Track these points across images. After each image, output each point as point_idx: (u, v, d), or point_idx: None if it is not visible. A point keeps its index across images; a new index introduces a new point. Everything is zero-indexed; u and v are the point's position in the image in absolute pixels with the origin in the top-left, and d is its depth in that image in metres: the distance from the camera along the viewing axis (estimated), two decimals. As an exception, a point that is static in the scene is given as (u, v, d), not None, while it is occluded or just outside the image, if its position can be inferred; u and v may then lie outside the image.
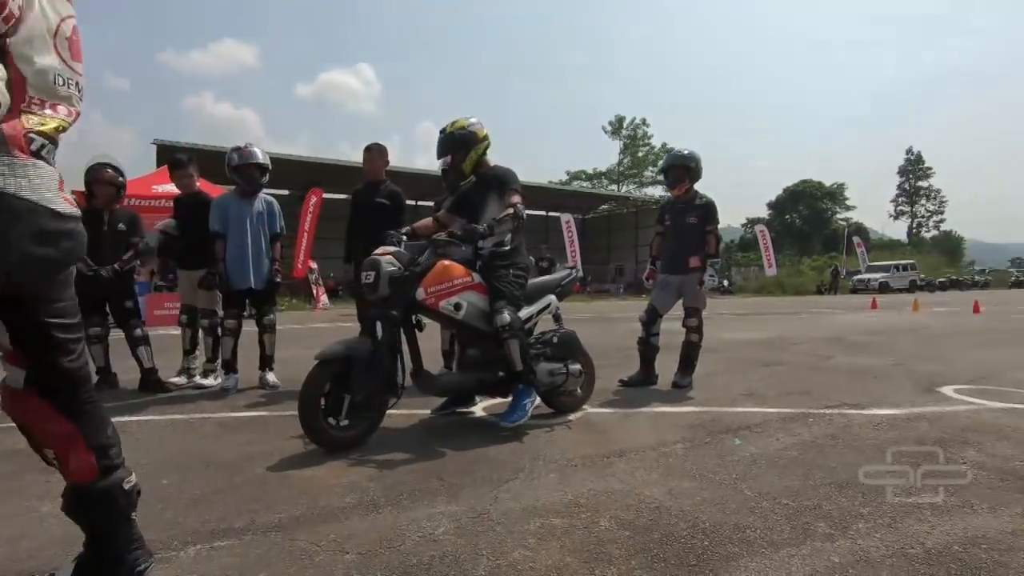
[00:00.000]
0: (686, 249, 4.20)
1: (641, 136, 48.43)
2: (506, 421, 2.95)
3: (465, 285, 3.03)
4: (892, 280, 28.31)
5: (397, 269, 2.84)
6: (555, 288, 3.51)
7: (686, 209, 4.24)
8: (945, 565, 1.63)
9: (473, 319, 3.04)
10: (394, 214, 4.21)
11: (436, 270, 2.95)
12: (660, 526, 1.87)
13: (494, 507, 2.03)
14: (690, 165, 4.22)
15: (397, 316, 2.86)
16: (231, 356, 4.17)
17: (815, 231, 55.02)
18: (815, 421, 3.18)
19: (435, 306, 2.92)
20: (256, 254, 4.16)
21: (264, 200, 4.32)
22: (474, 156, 3.23)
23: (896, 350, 6.19)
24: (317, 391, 2.63)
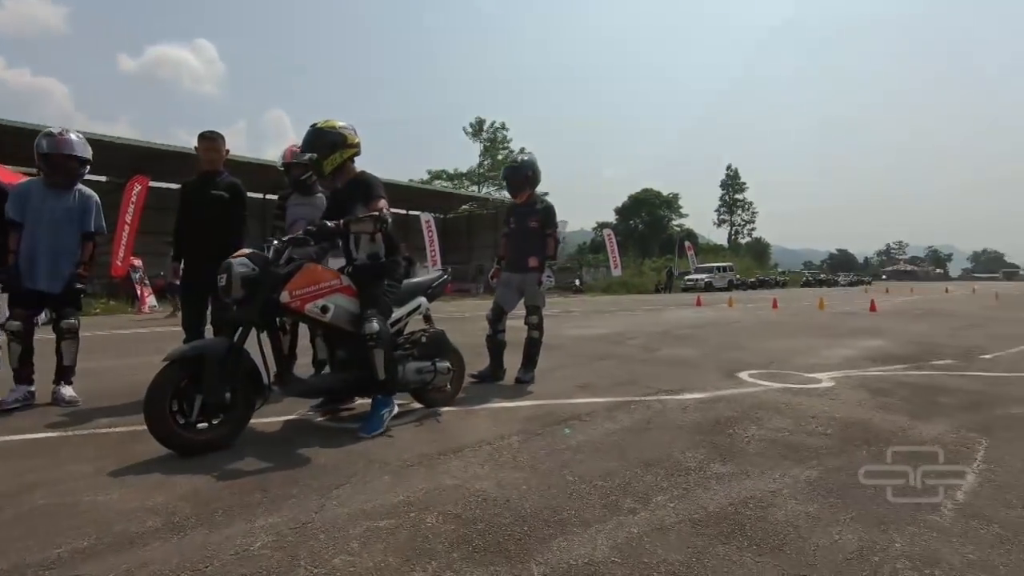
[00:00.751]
0: (527, 250, 4.44)
1: (501, 140, 49.76)
2: (363, 432, 2.92)
3: (333, 288, 3.01)
4: (715, 280, 32.22)
5: (250, 270, 2.80)
6: (426, 290, 3.58)
7: (527, 213, 4.49)
8: (720, 525, 1.90)
9: (341, 321, 3.03)
10: (234, 208, 3.91)
11: (303, 273, 2.93)
12: (485, 517, 1.94)
13: (319, 515, 1.96)
14: (528, 173, 4.50)
15: (253, 317, 2.80)
16: (19, 364, 3.59)
17: (654, 236, 60.65)
18: (636, 408, 3.52)
19: (300, 309, 2.89)
20: (54, 254, 3.63)
21: (80, 193, 3.76)
22: (337, 159, 3.17)
23: (711, 342, 7.06)
24: (164, 392, 2.55)
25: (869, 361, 5.44)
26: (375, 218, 2.97)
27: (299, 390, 3.05)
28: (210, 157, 3.94)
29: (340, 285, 3.05)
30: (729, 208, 69.35)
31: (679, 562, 1.67)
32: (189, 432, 2.61)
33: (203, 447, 2.61)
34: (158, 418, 2.51)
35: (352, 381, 3.12)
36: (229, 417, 2.72)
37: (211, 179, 3.94)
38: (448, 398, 3.58)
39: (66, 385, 3.74)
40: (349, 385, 3.17)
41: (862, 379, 4.49)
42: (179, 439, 2.57)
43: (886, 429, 3.05)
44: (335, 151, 3.15)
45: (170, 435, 2.55)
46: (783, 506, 2.06)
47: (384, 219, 3.01)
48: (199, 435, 2.63)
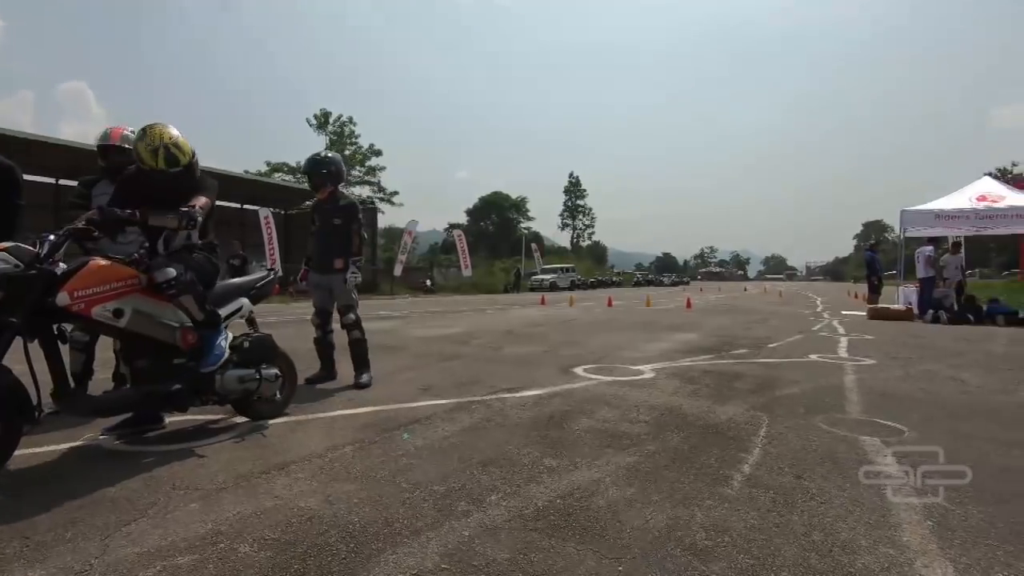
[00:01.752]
0: (333, 250, 4.33)
1: (348, 134, 47.66)
2: (205, 365, 2.82)
3: (130, 288, 2.59)
4: (559, 280, 34.16)
5: (12, 267, 2.33)
6: (249, 291, 3.28)
7: (331, 211, 4.40)
8: (548, 518, 1.98)
9: (140, 327, 2.64)
10: (5, 194, 3.19)
11: (87, 271, 2.46)
12: (307, 538, 1.80)
13: (100, 560, 1.66)
14: (330, 169, 4.42)
15: (15, 323, 2.31)
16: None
17: (504, 237, 62.68)
18: (477, 407, 3.55)
19: (86, 312, 2.44)
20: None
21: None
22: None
23: (551, 339, 7.42)
24: None
25: (682, 353, 6.12)
26: (184, 214, 2.62)
27: (89, 408, 2.63)
28: None
29: (139, 285, 2.64)
30: (572, 213, 74.10)
31: (506, 560, 1.69)
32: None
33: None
34: None
35: (159, 391, 2.71)
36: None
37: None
38: (278, 408, 3.30)
39: None
40: (151, 398, 2.73)
41: (676, 369, 5.03)
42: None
43: (692, 413, 3.44)
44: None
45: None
46: (604, 493, 2.20)
47: (193, 217, 2.66)
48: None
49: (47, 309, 2.38)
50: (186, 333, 2.77)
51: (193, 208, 2.66)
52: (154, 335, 2.69)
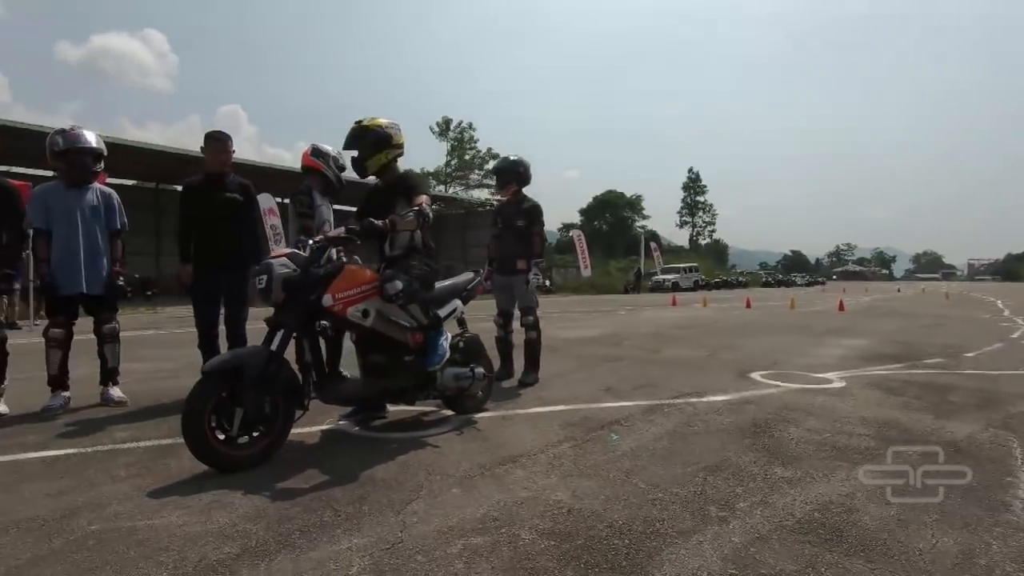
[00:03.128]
0: (514, 251, 4.44)
1: (468, 140, 49.47)
2: (430, 363, 3.01)
3: (374, 290, 2.85)
4: (681, 280, 32.92)
5: (291, 271, 2.65)
6: (461, 292, 3.44)
7: (514, 213, 4.51)
8: (815, 531, 1.90)
9: (381, 326, 2.89)
10: (247, 209, 3.81)
11: (344, 275, 2.77)
12: (580, 531, 1.89)
13: (405, 534, 1.86)
14: (518, 170, 4.54)
15: (294, 322, 2.65)
16: (58, 371, 3.52)
17: (618, 236, 61.58)
18: (670, 411, 3.52)
19: (343, 313, 2.73)
20: (90, 254, 3.52)
21: (100, 191, 3.64)
22: (383, 159, 3.10)
23: (704, 342, 7.17)
24: (202, 406, 2.38)
25: (863, 360, 5.62)
26: (418, 212, 2.87)
27: (338, 397, 2.94)
28: (219, 159, 3.81)
29: (379, 288, 2.89)
30: (690, 210, 71.00)
31: (795, 572, 1.65)
32: (229, 448, 2.45)
33: (244, 463, 2.46)
34: (196, 433, 2.35)
35: (393, 387, 2.99)
36: (269, 430, 2.56)
37: (219, 180, 3.80)
38: (478, 404, 3.50)
39: (114, 386, 3.73)
40: (386, 392, 3.03)
41: (870, 379, 4.62)
42: (219, 456, 2.41)
43: (917, 428, 3.14)
44: (379, 151, 3.09)
45: (210, 452, 2.39)
46: (865, 510, 2.07)
47: (426, 213, 2.91)
48: (239, 451, 2.48)
49: (313, 308, 2.70)
50: (415, 333, 3.02)
51: (422, 206, 2.90)
52: (390, 334, 2.95)
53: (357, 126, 3.08)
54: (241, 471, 2.42)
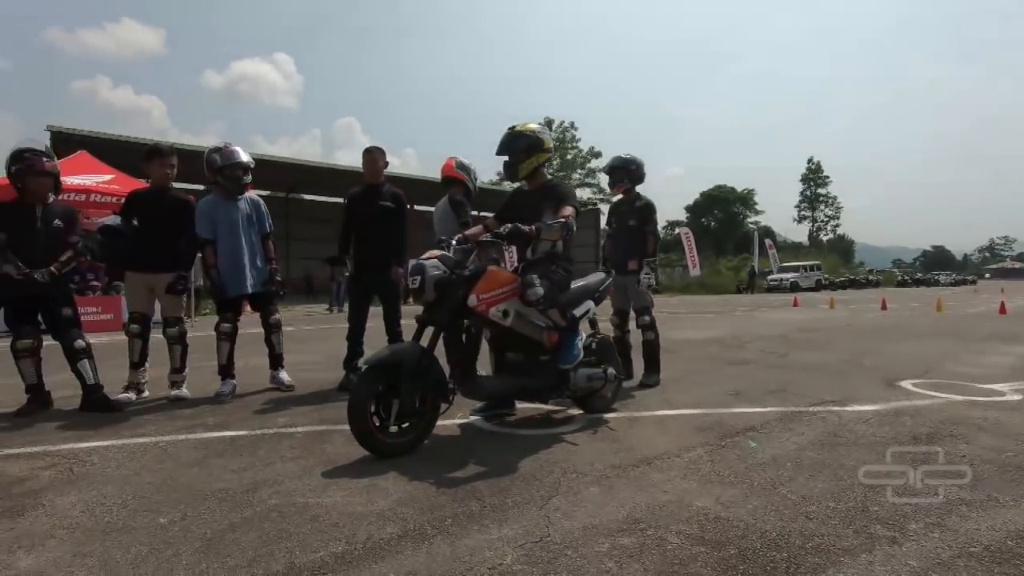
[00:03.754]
0: (626, 251, 4.40)
1: (570, 139, 49.44)
2: (564, 363, 3.06)
3: (513, 291, 2.95)
4: (801, 280, 30.57)
5: (443, 273, 2.79)
6: (593, 293, 3.44)
7: (627, 212, 4.44)
8: (1011, 561, 1.69)
9: (520, 326, 2.99)
10: (398, 216, 4.16)
11: (488, 276, 2.88)
12: (732, 540, 1.82)
13: (551, 528, 1.90)
14: (629, 168, 4.48)
15: (444, 321, 2.80)
16: (227, 361, 4.04)
17: (728, 234, 58.42)
18: (810, 419, 3.28)
19: (485, 312, 2.85)
20: (251, 257, 4.02)
21: (249, 200, 4.12)
22: (533, 163, 3.20)
23: (838, 346, 6.60)
24: (367, 397, 2.58)
25: (1042, 371, 4.88)
26: (563, 224, 2.93)
27: (480, 393, 3.03)
28: (374, 169, 4.20)
29: (518, 289, 2.98)
30: (810, 204, 65.65)
31: (993, 605, 1.48)
32: (385, 435, 2.64)
33: (397, 450, 2.63)
34: (362, 422, 2.54)
35: (530, 385, 3.07)
36: (419, 421, 2.72)
37: (376, 190, 4.19)
38: (607, 405, 3.49)
39: (282, 370, 4.24)
40: (524, 390, 3.12)
41: (1052, 392, 4.01)
42: (381, 443, 2.60)
43: None
44: (531, 155, 3.17)
45: (373, 440, 2.58)
46: (1073, 542, 1.81)
47: (571, 227, 2.98)
48: (394, 438, 2.65)
49: (460, 307, 2.82)
50: (551, 334, 3.08)
51: (569, 219, 2.95)
52: (527, 334, 3.03)
53: (510, 131, 3.20)
54: (393, 457, 2.59)
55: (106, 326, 9.17)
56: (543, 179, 3.30)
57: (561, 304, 3.07)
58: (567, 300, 3.16)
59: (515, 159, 3.17)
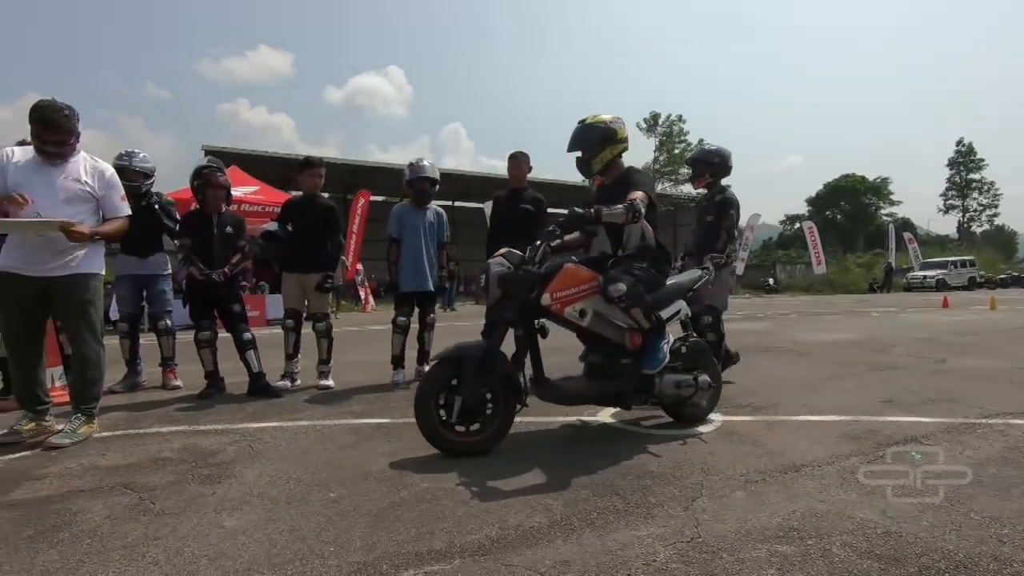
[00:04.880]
0: (701, 247, 4.27)
1: (677, 133, 47.58)
2: (647, 367, 2.88)
3: (592, 290, 2.82)
4: (950, 277, 27.10)
5: (506, 269, 2.75)
6: (686, 292, 3.23)
7: (707, 206, 4.34)
8: None
9: (598, 327, 2.86)
10: (537, 220, 4.34)
11: (563, 274, 2.78)
12: (908, 558, 1.67)
13: (700, 530, 1.86)
14: (712, 160, 4.33)
15: (510, 317, 2.73)
16: (400, 353, 4.42)
17: (858, 227, 53.26)
18: (985, 432, 2.92)
19: (560, 312, 2.75)
20: (429, 260, 4.39)
21: (435, 211, 4.55)
22: (607, 155, 3.07)
23: (1006, 352, 5.80)
24: (431, 392, 2.61)
25: None
26: (628, 206, 2.74)
27: (555, 396, 2.86)
28: (518, 174, 4.45)
29: (599, 287, 2.83)
30: (960, 191, 57.94)
31: None
32: (453, 434, 2.62)
33: (463, 448, 2.62)
34: (425, 417, 2.57)
35: (611, 390, 2.91)
36: (490, 420, 2.69)
37: (519, 194, 4.42)
38: (701, 414, 3.21)
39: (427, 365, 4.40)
40: (607, 393, 2.94)
41: None
42: (444, 439, 2.60)
43: None
44: (604, 147, 3.04)
45: (437, 435, 2.59)
46: None
47: (636, 208, 2.76)
48: (463, 437, 2.64)
49: (531, 306, 2.74)
50: (633, 335, 2.90)
51: (635, 200, 2.77)
52: (607, 335, 2.88)
53: (580, 126, 3.07)
54: (464, 456, 2.59)
55: (252, 322, 10.25)
56: (620, 170, 3.12)
57: (646, 304, 2.86)
58: (654, 300, 2.97)
59: (589, 154, 3.04)
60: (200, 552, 1.75)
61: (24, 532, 1.92)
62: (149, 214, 4.15)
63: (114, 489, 2.30)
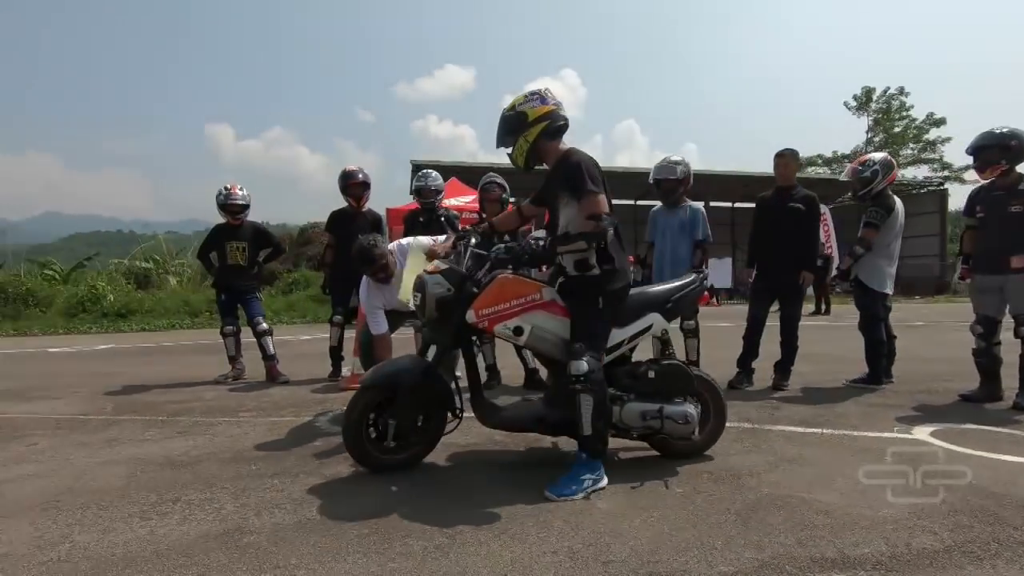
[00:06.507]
0: (1007, 245, 3.72)
1: (897, 108, 41.08)
2: (549, 491, 2.31)
3: (530, 304, 2.53)
4: None
5: (444, 291, 2.55)
6: (663, 304, 2.75)
7: (1006, 197, 3.76)
8: None
9: (542, 345, 2.57)
10: (809, 218, 4.25)
11: (491, 288, 2.54)
12: None
13: None
14: (1008, 144, 3.69)
15: (446, 339, 2.60)
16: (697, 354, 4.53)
17: None
18: None
19: (489, 330, 2.53)
20: (672, 260, 4.44)
21: (691, 209, 4.48)
22: (523, 145, 2.56)
23: None
24: (360, 416, 2.55)
25: None
26: (589, 235, 2.36)
27: (494, 421, 2.65)
28: (785, 173, 4.34)
29: (541, 300, 2.54)
30: None
31: None
32: (380, 453, 2.61)
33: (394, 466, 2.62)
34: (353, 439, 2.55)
35: (551, 417, 2.61)
36: (420, 438, 2.67)
37: (787, 193, 4.33)
38: (695, 449, 2.75)
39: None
40: (549, 424, 2.64)
41: None
42: (372, 458, 2.59)
43: None
44: (517, 136, 2.55)
45: (365, 455, 2.58)
46: None
47: (602, 233, 2.36)
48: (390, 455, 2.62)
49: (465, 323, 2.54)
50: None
51: (599, 223, 2.39)
52: (554, 355, 2.57)
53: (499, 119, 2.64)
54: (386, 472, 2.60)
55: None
56: (556, 153, 2.59)
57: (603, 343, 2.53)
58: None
59: (509, 149, 2.61)
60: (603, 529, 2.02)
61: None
62: (438, 225, 4.81)
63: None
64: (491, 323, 2.51)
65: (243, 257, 5.17)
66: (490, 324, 2.51)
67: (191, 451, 3.01)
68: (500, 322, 2.51)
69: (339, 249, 4.92)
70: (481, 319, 2.51)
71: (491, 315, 2.51)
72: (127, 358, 6.96)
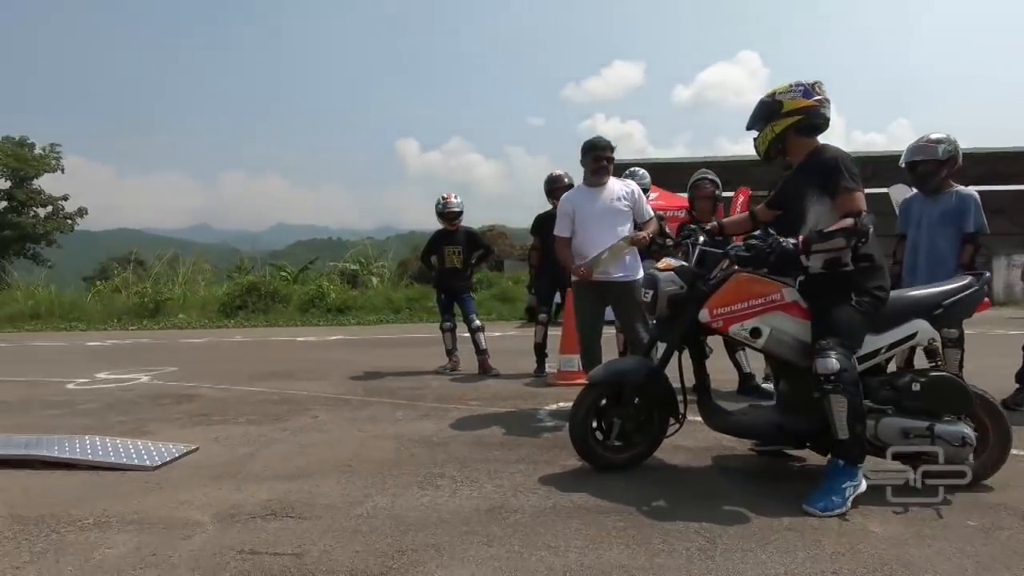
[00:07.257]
0: None
1: None
2: (810, 506, 2.15)
3: (769, 305, 2.41)
4: None
5: (677, 288, 2.51)
6: (932, 309, 2.45)
7: None
8: None
9: (781, 348, 2.43)
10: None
11: (728, 287, 2.46)
12: None
13: None
14: None
15: (676, 339, 2.60)
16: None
17: None
18: None
19: (724, 330, 2.48)
20: (931, 257, 3.74)
21: (957, 194, 3.73)
22: (768, 134, 2.49)
23: None
24: (586, 413, 2.61)
25: None
26: (848, 231, 2.23)
27: (723, 425, 2.61)
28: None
29: (781, 301, 2.41)
30: None
31: None
32: (602, 448, 2.65)
33: (618, 465, 2.65)
34: (579, 434, 2.61)
35: (795, 427, 2.48)
36: (643, 438, 2.67)
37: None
38: (966, 479, 2.28)
39: None
40: (790, 431, 2.52)
41: None
42: (597, 456, 2.64)
43: None
44: (766, 124, 2.49)
45: (591, 452, 2.63)
46: None
47: (863, 231, 2.23)
48: (615, 453, 2.66)
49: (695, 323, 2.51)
50: None
51: (857, 221, 2.26)
52: (791, 359, 2.42)
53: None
54: (612, 471, 2.64)
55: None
56: (806, 148, 2.49)
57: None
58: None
59: (756, 134, 2.56)
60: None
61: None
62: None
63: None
64: (727, 323, 2.45)
65: (459, 260, 5.66)
66: (725, 324, 2.46)
67: (439, 433, 3.40)
68: (736, 322, 2.43)
69: (544, 250, 5.12)
70: (715, 318, 2.46)
71: (727, 315, 2.44)
72: (355, 348, 8.06)
